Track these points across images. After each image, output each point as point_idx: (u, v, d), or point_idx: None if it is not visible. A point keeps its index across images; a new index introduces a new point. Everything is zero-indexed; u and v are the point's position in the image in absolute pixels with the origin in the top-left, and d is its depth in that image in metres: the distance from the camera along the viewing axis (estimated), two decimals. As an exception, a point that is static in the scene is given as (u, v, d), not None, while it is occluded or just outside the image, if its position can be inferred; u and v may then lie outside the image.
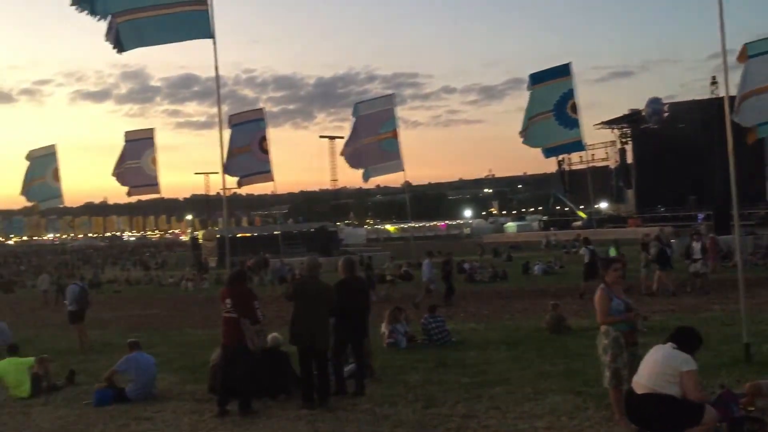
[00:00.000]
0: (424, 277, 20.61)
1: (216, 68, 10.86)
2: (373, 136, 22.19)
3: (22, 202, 32.02)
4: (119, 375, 9.30)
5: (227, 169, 18.37)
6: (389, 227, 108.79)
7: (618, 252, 20.77)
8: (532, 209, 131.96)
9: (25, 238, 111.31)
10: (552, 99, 17.59)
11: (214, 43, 10.53)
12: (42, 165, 29.70)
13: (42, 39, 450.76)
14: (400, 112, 20.86)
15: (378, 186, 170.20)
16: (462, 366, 10.10)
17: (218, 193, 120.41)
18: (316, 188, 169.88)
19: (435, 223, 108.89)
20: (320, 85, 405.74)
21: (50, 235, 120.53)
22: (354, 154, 21.30)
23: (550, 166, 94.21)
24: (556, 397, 7.78)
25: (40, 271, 40.07)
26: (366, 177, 21.07)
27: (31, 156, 29.83)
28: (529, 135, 17.94)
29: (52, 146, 30.24)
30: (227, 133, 17.12)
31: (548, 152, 18.44)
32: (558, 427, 6.70)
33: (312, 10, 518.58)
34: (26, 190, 29.36)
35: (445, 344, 12.15)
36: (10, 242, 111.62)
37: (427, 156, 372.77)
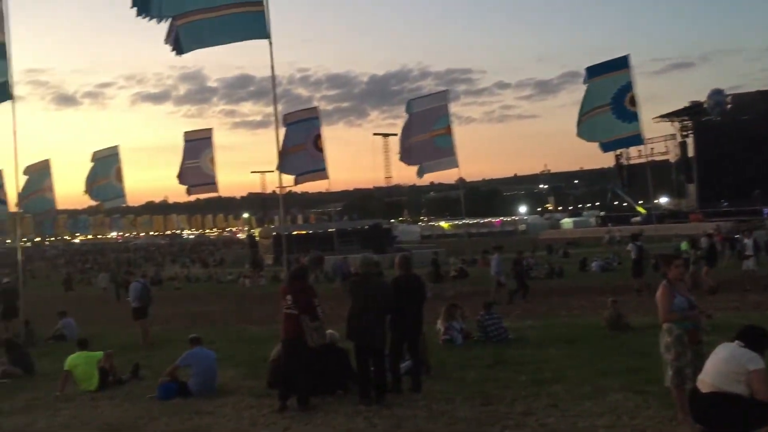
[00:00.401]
0: (492, 272, 20.29)
1: (272, 68, 11.05)
2: (427, 132, 22.18)
3: (87, 202, 33.06)
4: (181, 369, 9.53)
5: (283, 167, 18.70)
6: (443, 224, 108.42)
7: (691, 248, 20.11)
8: (589, 205, 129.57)
9: (90, 236, 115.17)
10: (610, 92, 17.30)
11: (270, 44, 10.71)
12: (105, 165, 30.73)
13: (104, 43, 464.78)
14: (454, 108, 20.77)
15: (432, 183, 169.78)
16: (519, 363, 10.00)
17: (274, 191, 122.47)
18: (369, 186, 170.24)
19: (489, 219, 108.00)
20: (373, 82, 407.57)
21: (114, 234, 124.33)
22: (408, 151, 21.35)
23: (607, 160, 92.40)
24: (616, 395, 7.63)
25: (104, 269, 41.40)
26: (420, 173, 21.07)
27: (96, 157, 30.90)
28: (585, 129, 17.69)
29: (115, 147, 31.24)
30: (282, 132, 17.38)
31: (606, 146, 18.17)
32: (619, 426, 6.57)
33: (365, 9, 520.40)
34: (91, 190, 30.41)
35: (502, 341, 12.04)
36: (76, 240, 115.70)
37: (481, 152, 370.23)
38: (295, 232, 55.39)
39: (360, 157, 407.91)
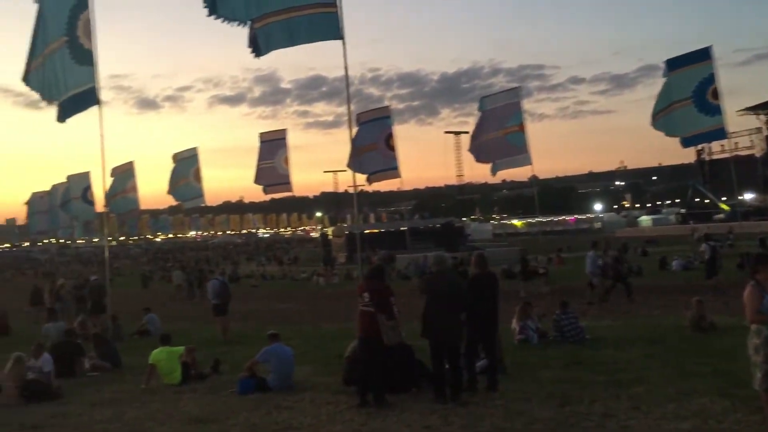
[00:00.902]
0: (587, 270, 19.31)
1: (345, 68, 11.13)
2: (500, 130, 21.94)
3: (167, 202, 34.29)
4: (260, 365, 9.75)
5: (355, 166, 18.83)
6: (516, 222, 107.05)
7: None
8: (669, 202, 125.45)
9: (170, 235, 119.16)
10: (691, 85, 16.68)
11: (344, 44, 10.78)
12: (185, 166, 31.72)
13: (183, 49, 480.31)
14: (526, 104, 20.42)
15: (504, 180, 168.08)
16: (597, 364, 9.79)
17: (346, 190, 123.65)
18: (441, 184, 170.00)
19: (564, 217, 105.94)
20: (444, 80, 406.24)
21: (192, 233, 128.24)
22: (480, 149, 21.18)
23: (688, 156, 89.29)
24: (701, 398, 7.37)
25: (179, 267, 42.69)
26: (494, 171, 20.86)
27: (176, 158, 31.94)
28: (664, 124, 17.11)
29: (194, 149, 32.20)
30: (355, 132, 17.52)
31: (687, 141, 17.51)
32: (705, 430, 6.35)
33: (434, 7, 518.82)
34: (172, 190, 31.45)
35: (579, 341, 11.81)
36: (158, 239, 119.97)
37: (554, 149, 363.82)
38: (367, 231, 55.80)
39: (431, 155, 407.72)
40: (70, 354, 12.10)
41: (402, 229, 51.79)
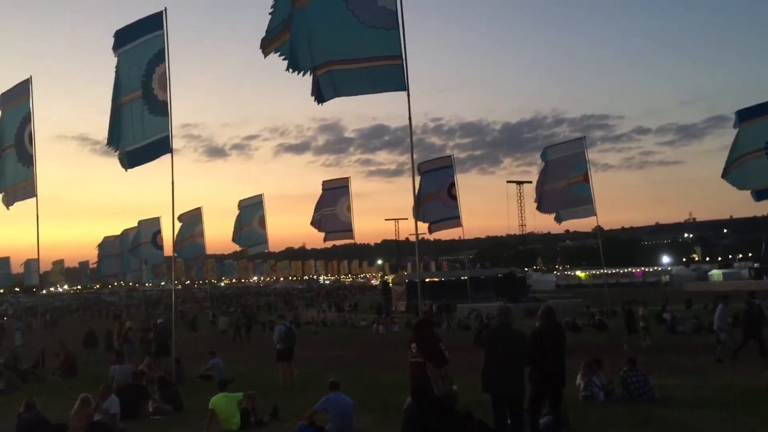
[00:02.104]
0: (716, 325, 18.01)
1: (409, 119, 11.26)
2: (564, 180, 21.76)
3: (232, 247, 35.04)
4: (319, 414, 9.72)
5: (418, 215, 18.89)
6: (580, 273, 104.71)
7: None
8: (741, 256, 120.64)
9: (234, 280, 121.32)
10: (763, 137, 16.18)
11: (408, 95, 10.93)
12: (250, 213, 32.46)
13: (250, 99, 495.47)
14: (590, 154, 20.21)
15: (567, 231, 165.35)
16: (668, 425, 9.39)
17: (407, 238, 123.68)
18: (502, 233, 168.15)
19: (630, 269, 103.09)
20: (506, 130, 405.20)
21: (255, 278, 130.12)
22: (544, 199, 21.01)
23: (761, 208, 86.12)
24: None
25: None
26: (558, 220, 20.63)
27: (241, 205, 32.74)
28: (736, 176, 16.60)
29: (259, 196, 32.99)
30: (418, 181, 17.64)
31: (760, 194, 16.90)
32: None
33: (497, 57, 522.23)
34: (237, 236, 32.18)
35: (648, 400, 11.35)
36: (222, 284, 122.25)
37: (619, 199, 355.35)
38: (427, 279, 55.46)
39: (493, 204, 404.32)
40: (135, 396, 12.34)
41: (463, 278, 51.23)
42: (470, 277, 52.09)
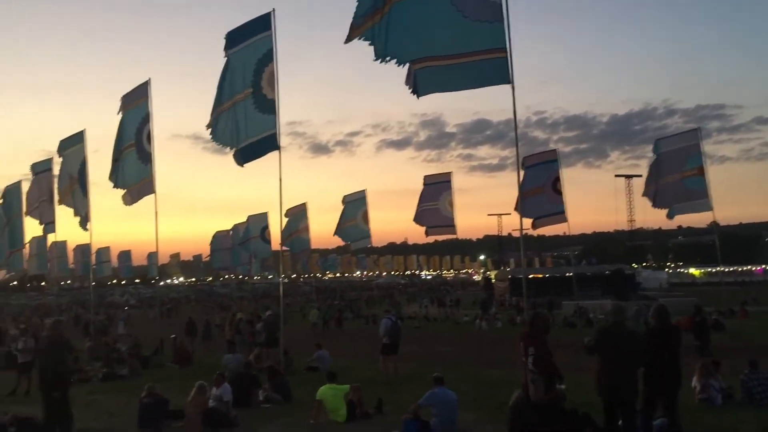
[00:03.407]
0: None
1: (514, 113, 11.07)
2: (677, 173, 20.78)
3: (336, 242, 35.72)
4: (423, 408, 9.75)
5: (522, 210, 18.57)
6: (693, 271, 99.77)
7: None
8: None
9: (338, 274, 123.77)
10: None
11: (513, 89, 10.74)
12: (354, 208, 32.95)
13: (353, 96, 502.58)
14: (706, 146, 19.16)
15: (680, 227, 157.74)
16: (794, 433, 8.80)
17: (510, 233, 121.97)
18: (610, 229, 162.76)
19: (749, 267, 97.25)
20: (614, 122, 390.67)
21: (358, 273, 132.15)
22: (656, 193, 20.15)
23: None
24: None
25: (352, 305, 43.96)
26: (671, 215, 19.74)
27: (345, 200, 33.28)
28: None
29: (362, 191, 33.42)
30: (522, 175, 17.33)
31: None
32: None
33: (604, 48, 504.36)
34: (340, 231, 32.76)
35: (770, 406, 10.69)
36: (326, 278, 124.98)
37: (737, 193, 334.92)
38: (531, 276, 54.55)
39: (599, 199, 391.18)
40: (247, 385, 12.83)
41: (568, 274, 50.00)
42: (576, 273, 50.86)
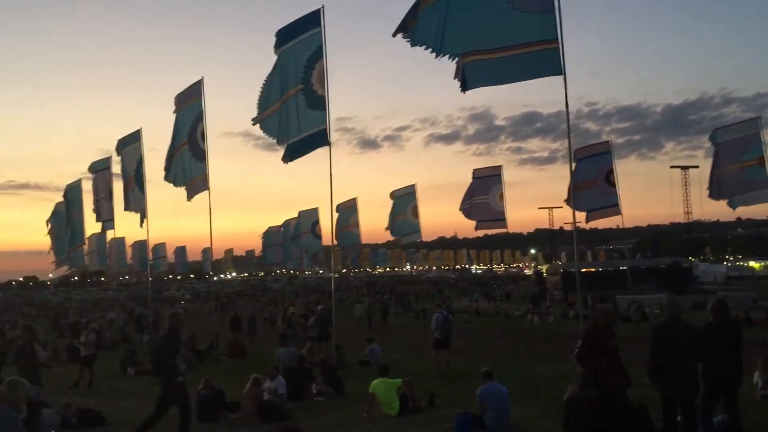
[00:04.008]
0: None
1: (566, 104, 10.95)
2: (736, 163, 20.15)
3: (386, 237, 35.85)
4: (475, 403, 9.72)
5: (574, 203, 18.32)
6: (754, 264, 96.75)
7: None
8: None
9: (387, 269, 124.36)
10: None
11: (565, 80, 10.61)
12: (403, 203, 32.95)
13: (401, 90, 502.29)
14: (766, 136, 18.56)
15: (739, 219, 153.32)
16: None
17: (561, 227, 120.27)
18: (665, 222, 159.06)
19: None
20: (668, 112, 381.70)
21: (408, 267, 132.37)
22: (714, 184, 19.59)
23: None
24: None
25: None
26: (732, 206, 19.19)
27: (394, 195, 33.31)
28: None
29: (412, 186, 33.39)
30: (574, 168, 17.08)
31: None
32: None
33: (657, 36, 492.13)
34: (391, 226, 32.81)
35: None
36: (376, 273, 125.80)
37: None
38: (584, 270, 53.72)
39: (654, 191, 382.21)
40: (301, 378, 13.00)
41: (622, 268, 49.07)
42: (630, 267, 49.91)
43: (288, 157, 15.87)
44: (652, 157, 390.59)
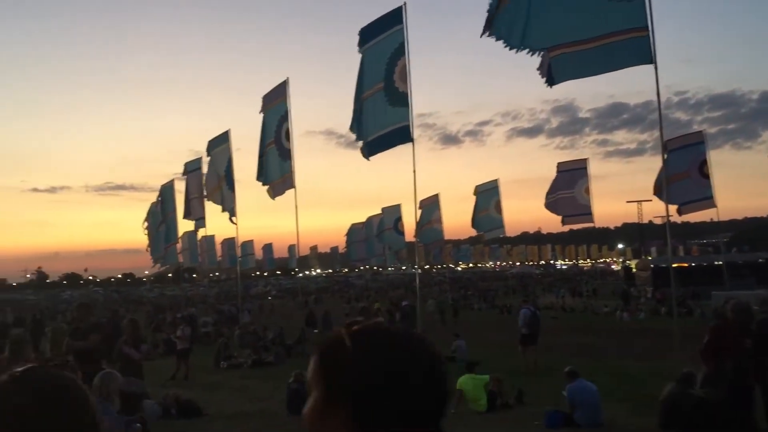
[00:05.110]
0: None
1: (657, 93, 10.59)
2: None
3: (468, 232, 35.65)
4: (564, 401, 9.58)
5: (666, 196, 17.72)
6: None
7: None
8: None
9: (470, 264, 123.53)
10: None
11: (656, 69, 10.27)
12: (486, 198, 32.76)
13: (482, 85, 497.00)
14: None
15: None
16: None
17: (651, 221, 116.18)
18: (763, 214, 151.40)
19: None
20: (765, 99, 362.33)
21: (491, 263, 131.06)
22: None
23: None
24: None
25: (484, 295, 43.73)
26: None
27: (477, 190, 33.14)
28: None
29: (495, 181, 33.16)
30: (664, 160, 16.53)
31: None
32: None
33: (751, 21, 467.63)
34: (474, 222, 32.68)
35: None
36: (458, 268, 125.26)
37: None
38: (675, 265, 51.80)
39: (750, 182, 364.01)
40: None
41: (717, 263, 47.03)
42: (726, 261, 47.83)
43: (368, 153, 16.02)
44: (747, 147, 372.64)
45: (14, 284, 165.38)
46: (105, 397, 5.63)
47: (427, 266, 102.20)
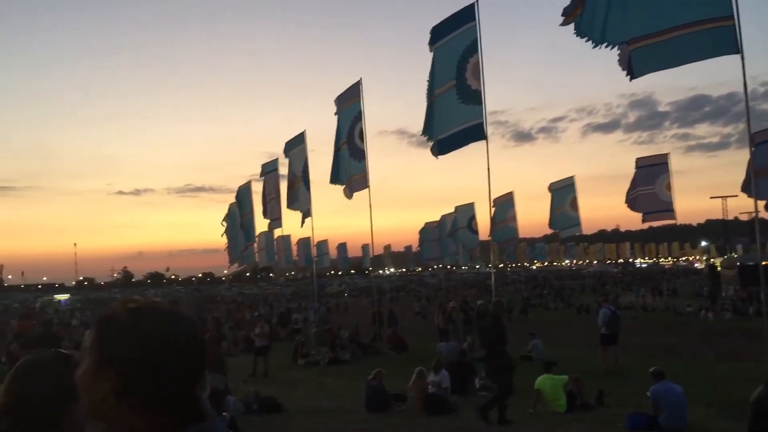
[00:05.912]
0: None
1: (744, 84, 10.15)
2: None
3: (542, 230, 35.07)
4: (647, 402, 9.33)
5: (755, 191, 16.94)
6: None
7: None
8: None
9: (546, 263, 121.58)
10: None
11: (742, 59, 9.86)
12: (561, 196, 32.16)
13: (555, 81, 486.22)
14: None
15: None
16: None
17: (737, 217, 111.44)
18: None
19: None
20: None
21: (566, 261, 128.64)
22: None
23: None
24: None
25: (560, 294, 42.85)
26: None
27: (552, 188, 32.58)
28: None
29: (570, 178, 32.50)
30: (749, 153, 15.87)
31: None
32: None
33: None
34: (550, 219, 32.14)
35: None
36: (533, 267, 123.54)
37: None
38: (765, 263, 49.51)
39: None
40: (463, 373, 13.08)
41: (810, 261, 44.69)
42: (820, 259, 45.34)
43: (438, 152, 15.96)
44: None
45: (102, 283, 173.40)
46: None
47: (501, 265, 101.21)
